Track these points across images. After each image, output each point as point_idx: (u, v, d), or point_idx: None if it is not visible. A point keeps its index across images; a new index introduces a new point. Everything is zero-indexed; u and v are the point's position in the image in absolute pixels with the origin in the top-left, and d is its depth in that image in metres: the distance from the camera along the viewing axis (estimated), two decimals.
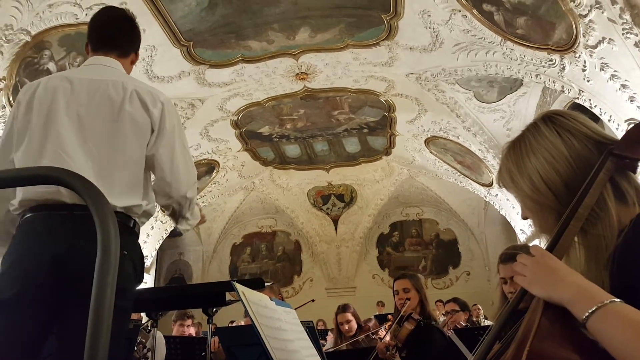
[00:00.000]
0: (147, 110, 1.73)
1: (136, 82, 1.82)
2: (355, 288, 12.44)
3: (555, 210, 1.03)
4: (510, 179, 1.12)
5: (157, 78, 6.42)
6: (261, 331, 1.21)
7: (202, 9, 5.49)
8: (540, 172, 1.05)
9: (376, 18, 5.79)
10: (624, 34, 4.48)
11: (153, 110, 1.74)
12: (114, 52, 1.89)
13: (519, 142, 1.13)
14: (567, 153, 1.04)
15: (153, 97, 1.77)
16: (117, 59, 1.89)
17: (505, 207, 9.14)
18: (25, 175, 0.88)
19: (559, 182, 1.03)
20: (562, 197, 1.02)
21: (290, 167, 10.59)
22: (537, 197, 1.06)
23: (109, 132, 1.69)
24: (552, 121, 1.09)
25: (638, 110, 4.90)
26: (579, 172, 1.01)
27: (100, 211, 0.74)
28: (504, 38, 5.51)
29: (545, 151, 1.05)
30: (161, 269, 12.83)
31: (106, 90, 1.72)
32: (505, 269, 2.37)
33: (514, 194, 1.13)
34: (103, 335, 0.68)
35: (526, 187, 1.07)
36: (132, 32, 1.99)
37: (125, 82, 1.76)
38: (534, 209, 1.08)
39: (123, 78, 1.79)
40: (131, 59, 1.99)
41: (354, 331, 4.13)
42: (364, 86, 7.42)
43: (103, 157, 1.66)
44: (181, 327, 4.72)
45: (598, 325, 0.79)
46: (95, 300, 0.69)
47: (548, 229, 1.05)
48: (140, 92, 1.75)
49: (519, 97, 7.13)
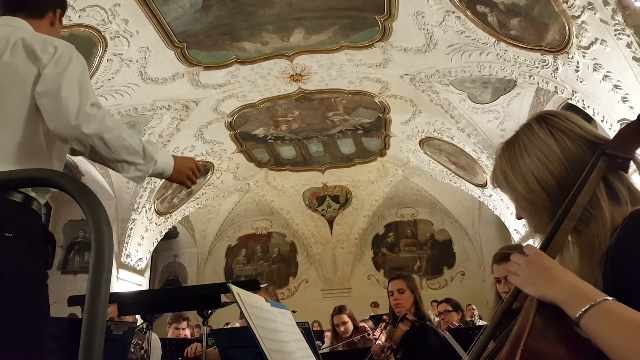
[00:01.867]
0: (34, 55, 1.48)
1: (29, 33, 1.56)
2: (350, 289, 12.45)
3: (549, 210, 1.04)
4: (504, 180, 1.12)
5: (151, 80, 6.40)
6: (257, 333, 1.21)
7: (196, 11, 5.48)
8: (534, 172, 1.05)
9: (370, 19, 5.80)
10: (616, 35, 4.51)
11: (42, 54, 1.49)
12: (21, 13, 1.64)
13: (512, 142, 1.13)
14: (560, 153, 1.04)
15: (44, 42, 1.52)
16: (25, 19, 1.64)
17: (499, 208, 9.17)
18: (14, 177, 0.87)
19: (553, 182, 1.04)
20: (556, 197, 1.03)
21: (285, 169, 10.59)
22: (531, 197, 1.06)
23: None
24: (545, 121, 1.09)
25: (630, 110, 4.94)
26: (572, 172, 1.02)
27: (95, 214, 0.74)
28: (498, 39, 5.54)
29: (539, 151, 1.06)
30: (156, 271, 12.77)
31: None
32: (499, 269, 2.38)
33: (508, 194, 1.14)
34: (97, 337, 0.68)
35: (520, 187, 1.08)
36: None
37: (12, 34, 1.51)
38: (528, 209, 1.09)
39: (12, 31, 1.54)
40: (49, 20, 1.72)
41: (350, 332, 4.13)
42: (359, 87, 7.43)
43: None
44: (176, 330, 4.70)
45: (591, 324, 0.80)
46: (89, 301, 0.69)
47: (542, 228, 1.06)
48: (28, 39, 1.50)
49: (513, 98, 7.17)
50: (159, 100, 6.99)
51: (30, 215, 1.46)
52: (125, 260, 9.24)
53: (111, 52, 5.66)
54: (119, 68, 5.92)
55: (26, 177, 0.87)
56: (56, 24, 1.76)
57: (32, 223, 1.47)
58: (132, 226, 9.04)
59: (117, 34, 5.46)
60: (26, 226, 1.44)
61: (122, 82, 6.14)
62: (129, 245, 9.21)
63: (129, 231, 9.06)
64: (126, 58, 5.86)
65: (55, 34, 1.73)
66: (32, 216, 1.47)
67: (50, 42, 1.53)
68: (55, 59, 1.50)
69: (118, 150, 1.51)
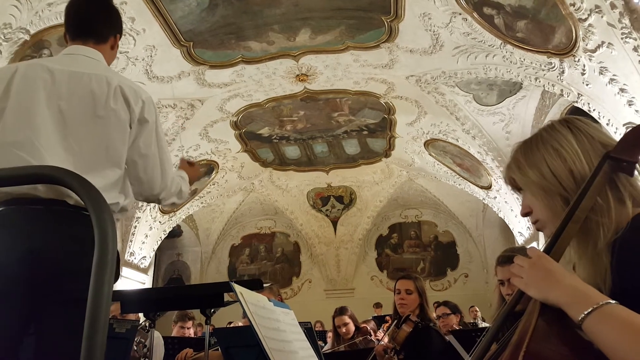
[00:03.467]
0: (129, 107, 1.69)
1: (120, 78, 1.76)
2: (353, 289, 12.44)
3: (561, 196, 1.05)
4: (517, 168, 1.14)
5: (156, 78, 6.42)
6: (259, 332, 1.21)
7: (203, 10, 5.49)
8: (547, 160, 1.08)
9: (377, 20, 5.80)
10: (623, 39, 4.49)
11: (134, 107, 1.70)
12: (91, 39, 1.81)
13: (532, 137, 1.17)
14: (577, 147, 1.06)
15: (136, 94, 1.72)
16: (95, 46, 1.81)
17: (503, 210, 9.14)
18: (22, 174, 0.88)
19: (565, 171, 1.05)
20: (568, 187, 1.04)
21: (290, 169, 10.59)
22: (544, 183, 1.07)
23: (92, 128, 1.63)
24: (567, 121, 1.13)
25: (636, 114, 4.91)
26: (587, 166, 1.03)
27: (99, 212, 0.74)
28: (504, 41, 5.52)
29: (556, 142, 1.09)
30: (159, 269, 12.81)
31: (89, 84, 1.66)
32: (502, 271, 2.38)
33: (520, 182, 1.14)
34: (100, 334, 0.68)
35: (533, 174, 1.09)
36: (108, 14, 1.90)
37: (109, 77, 1.70)
38: (541, 196, 1.09)
39: (106, 73, 1.73)
40: (111, 44, 1.90)
41: (351, 334, 4.13)
42: (364, 88, 7.42)
43: (85, 154, 1.61)
44: (181, 329, 4.70)
45: (593, 327, 0.80)
46: (92, 299, 0.69)
47: (556, 214, 1.05)
48: (124, 87, 1.70)
49: (519, 101, 7.14)
50: (165, 99, 7.00)
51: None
52: (129, 259, 9.27)
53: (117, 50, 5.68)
54: (125, 66, 5.94)
55: (32, 174, 0.88)
56: (115, 48, 1.95)
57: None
58: (136, 224, 9.07)
59: (123, 32, 5.47)
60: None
61: None
62: (133, 243, 9.24)
63: (133, 229, 9.09)
64: (132, 56, 5.88)
65: (113, 56, 1.93)
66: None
67: (139, 94, 1.74)
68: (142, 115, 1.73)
69: (172, 201, 1.89)
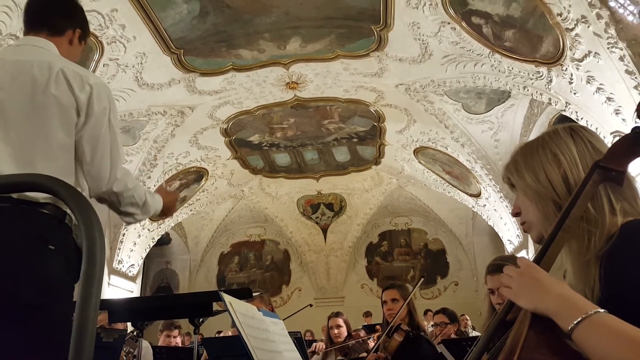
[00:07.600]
0: (73, 92, 1.58)
1: (65, 62, 1.64)
2: (343, 298, 12.40)
3: (554, 202, 1.06)
4: (515, 169, 1.15)
5: (147, 85, 6.39)
6: (248, 342, 1.20)
7: (194, 17, 5.49)
8: (544, 165, 1.09)
9: (366, 29, 5.83)
10: (609, 48, 4.56)
11: (79, 94, 1.59)
12: (43, 31, 1.72)
13: (533, 140, 1.18)
14: (577, 154, 1.07)
15: (81, 79, 1.61)
16: (48, 38, 1.72)
17: (492, 218, 9.19)
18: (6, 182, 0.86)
19: (559, 178, 1.06)
20: (561, 193, 1.05)
21: (280, 176, 10.57)
22: (538, 187, 1.09)
23: (32, 116, 1.54)
24: (572, 129, 1.14)
25: (623, 122, 4.98)
26: (583, 176, 1.04)
27: (87, 219, 0.73)
28: (492, 50, 5.59)
29: (556, 148, 1.10)
30: (148, 277, 12.67)
31: (30, 71, 1.57)
32: (492, 280, 2.38)
33: (516, 184, 1.16)
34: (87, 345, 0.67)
35: (529, 178, 1.11)
36: (61, 6, 1.81)
37: (52, 62, 1.60)
38: (535, 199, 1.10)
39: (50, 58, 1.63)
40: (68, 38, 1.79)
41: (343, 337, 4.16)
42: (354, 96, 7.45)
43: (25, 144, 1.53)
44: (167, 338, 4.65)
45: (583, 337, 0.79)
46: (79, 310, 0.68)
47: (547, 219, 1.07)
48: (67, 72, 1.59)
49: (507, 109, 7.22)
50: (155, 106, 6.97)
51: (64, 229, 1.53)
52: (117, 267, 9.16)
53: (107, 57, 5.65)
54: (115, 73, 5.91)
55: (20, 182, 0.87)
56: (75, 43, 1.82)
57: (67, 237, 1.54)
58: (124, 232, 8.98)
59: (114, 39, 5.45)
60: (63, 240, 1.51)
61: (118, 87, 6.12)
62: (121, 251, 9.14)
63: (122, 237, 9.00)
64: (122, 63, 5.85)
65: (75, 53, 1.82)
66: (66, 230, 1.54)
67: (85, 79, 1.63)
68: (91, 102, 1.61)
69: (134, 206, 1.75)
